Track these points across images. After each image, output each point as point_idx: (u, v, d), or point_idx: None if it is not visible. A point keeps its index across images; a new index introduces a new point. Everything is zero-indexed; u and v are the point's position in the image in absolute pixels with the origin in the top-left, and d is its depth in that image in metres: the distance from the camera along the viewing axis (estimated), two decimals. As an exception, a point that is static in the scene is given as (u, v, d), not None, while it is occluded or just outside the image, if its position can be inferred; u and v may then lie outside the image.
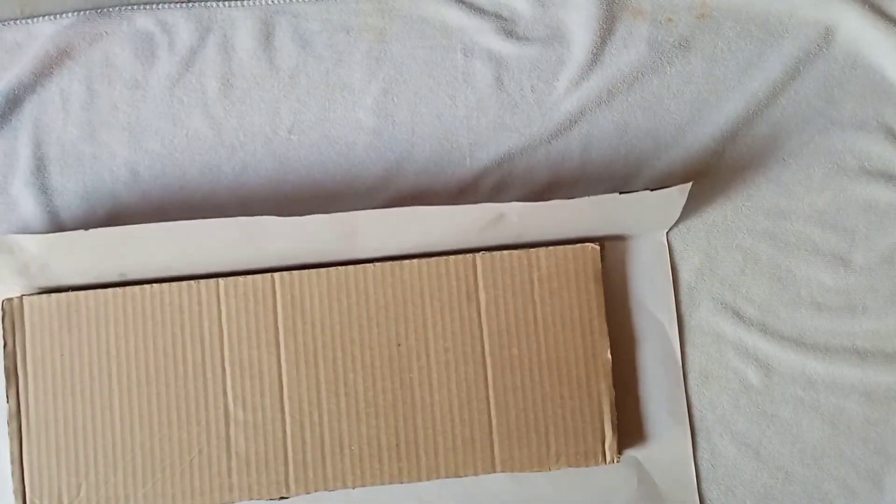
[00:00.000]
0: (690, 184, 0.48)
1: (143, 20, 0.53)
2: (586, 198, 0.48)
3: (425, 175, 0.53)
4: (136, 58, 0.53)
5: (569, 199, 0.47)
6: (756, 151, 0.53)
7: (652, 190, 0.48)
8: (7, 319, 0.48)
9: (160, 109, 0.53)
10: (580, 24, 0.53)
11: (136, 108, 0.53)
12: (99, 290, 0.49)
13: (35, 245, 0.48)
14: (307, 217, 0.48)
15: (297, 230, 0.48)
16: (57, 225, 0.52)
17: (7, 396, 0.48)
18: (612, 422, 0.49)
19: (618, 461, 0.49)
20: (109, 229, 0.48)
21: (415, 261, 0.49)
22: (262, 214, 0.52)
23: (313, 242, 0.49)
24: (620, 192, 0.48)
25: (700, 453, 0.51)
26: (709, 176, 0.53)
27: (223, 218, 0.47)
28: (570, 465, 0.49)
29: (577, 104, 0.53)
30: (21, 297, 0.49)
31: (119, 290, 0.49)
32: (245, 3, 0.53)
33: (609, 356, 0.49)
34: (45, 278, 0.49)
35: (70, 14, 0.53)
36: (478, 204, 0.48)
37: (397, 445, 0.48)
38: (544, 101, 0.53)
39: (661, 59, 0.53)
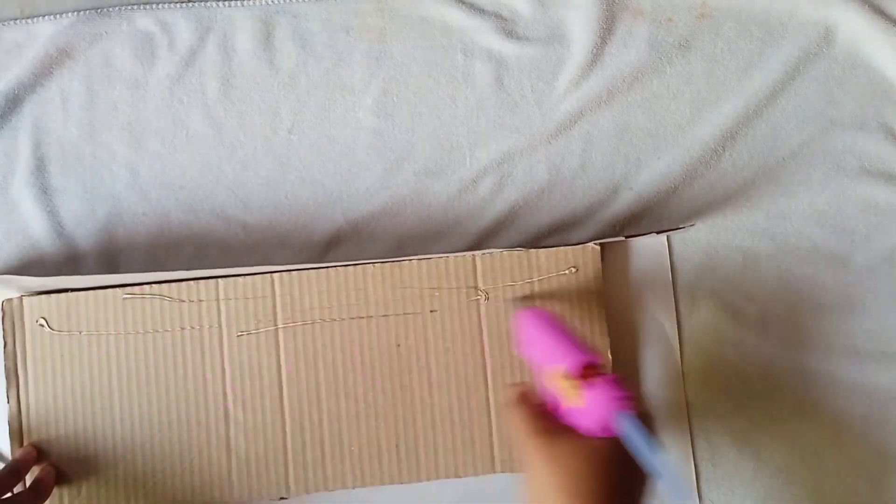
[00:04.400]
0: (694, 224, 0.48)
1: (143, 20, 0.53)
2: (594, 242, 0.49)
3: (425, 175, 0.53)
4: (136, 58, 0.53)
5: (569, 196, 0.47)
6: (756, 151, 0.53)
7: (658, 233, 0.48)
8: (7, 319, 0.48)
9: (160, 109, 0.53)
10: (580, 24, 0.53)
11: (136, 108, 0.53)
12: (99, 290, 0.49)
13: (32, 281, 0.48)
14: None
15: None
16: (57, 224, 0.52)
17: (7, 396, 0.48)
18: (612, 422, 0.49)
19: (618, 461, 0.49)
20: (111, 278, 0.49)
21: (415, 261, 0.49)
22: (262, 214, 0.52)
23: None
24: (626, 237, 0.49)
25: (700, 453, 0.51)
26: (709, 176, 0.53)
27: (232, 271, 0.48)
28: (570, 466, 0.49)
29: (577, 104, 0.53)
30: (21, 298, 0.49)
31: (119, 290, 0.49)
32: (245, 3, 0.53)
33: (609, 356, 0.49)
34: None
35: (70, 14, 0.53)
36: (487, 250, 0.49)
37: (397, 446, 0.48)
38: (544, 101, 0.53)
39: (661, 59, 0.53)
